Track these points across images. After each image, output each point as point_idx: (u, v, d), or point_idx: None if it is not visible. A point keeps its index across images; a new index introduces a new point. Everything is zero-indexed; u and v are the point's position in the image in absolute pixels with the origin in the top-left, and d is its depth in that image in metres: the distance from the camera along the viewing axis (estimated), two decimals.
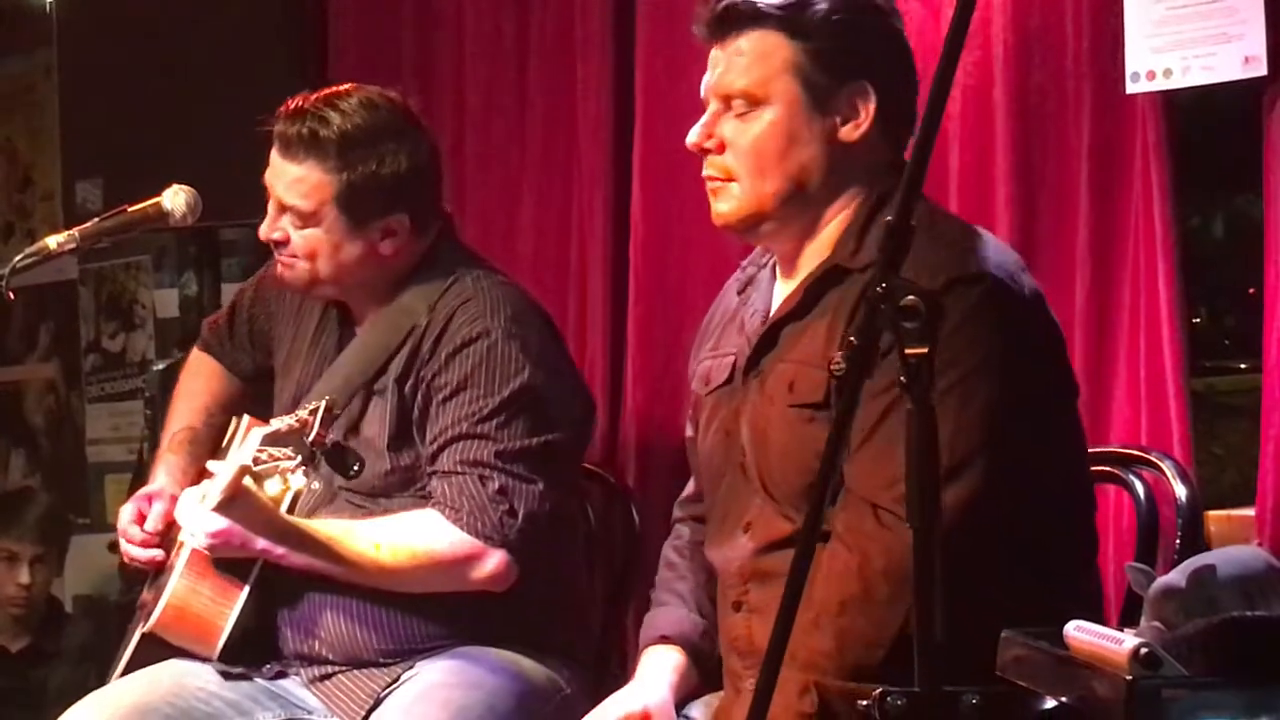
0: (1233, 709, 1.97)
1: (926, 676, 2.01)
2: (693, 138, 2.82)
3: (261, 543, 3.18)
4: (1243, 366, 3.87)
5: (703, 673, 2.96)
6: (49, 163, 5.79)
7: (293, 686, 3.35)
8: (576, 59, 4.22)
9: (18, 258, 3.19)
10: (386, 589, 3.24)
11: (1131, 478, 2.93)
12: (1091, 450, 2.99)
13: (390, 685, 3.25)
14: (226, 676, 3.33)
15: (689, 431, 3.07)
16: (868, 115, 2.75)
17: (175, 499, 3.36)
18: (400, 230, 3.33)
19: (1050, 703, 2.29)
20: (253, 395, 3.69)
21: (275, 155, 3.33)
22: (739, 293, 2.99)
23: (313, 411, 3.07)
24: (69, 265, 5.74)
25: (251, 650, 3.33)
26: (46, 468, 6.21)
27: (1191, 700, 1.96)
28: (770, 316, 2.83)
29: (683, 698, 2.94)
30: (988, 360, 2.56)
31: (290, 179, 3.30)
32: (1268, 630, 2.03)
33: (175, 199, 3.34)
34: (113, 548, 5.51)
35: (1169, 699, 1.95)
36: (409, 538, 3.21)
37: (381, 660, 3.28)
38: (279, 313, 3.59)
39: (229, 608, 3.27)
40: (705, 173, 2.83)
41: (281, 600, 3.32)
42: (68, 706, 3.34)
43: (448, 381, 3.26)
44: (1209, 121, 3.49)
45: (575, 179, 4.25)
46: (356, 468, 3.12)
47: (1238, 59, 3.20)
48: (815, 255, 2.79)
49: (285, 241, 3.34)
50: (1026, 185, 3.48)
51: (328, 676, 3.31)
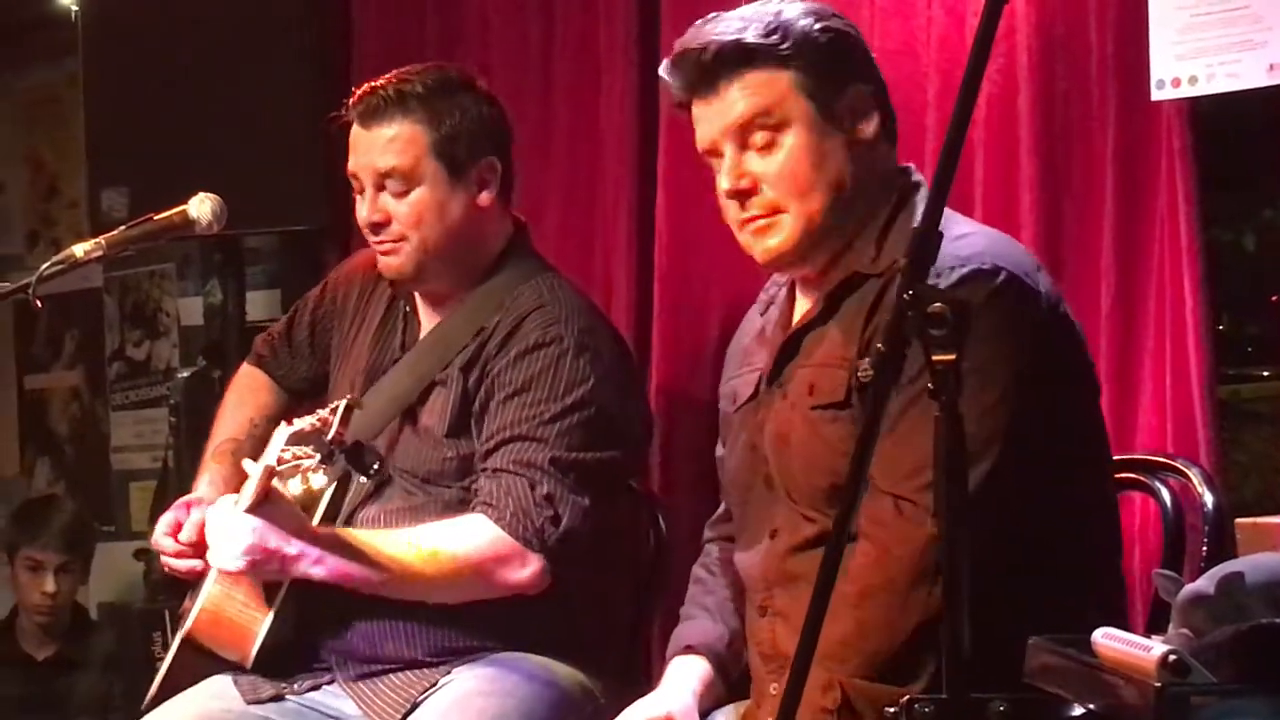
0: (1262, 716, 1.96)
1: (954, 684, 2.01)
2: (726, 184, 2.82)
3: (295, 546, 3.13)
4: (1265, 374, 3.87)
5: (728, 682, 2.97)
6: (74, 171, 5.81)
7: (325, 697, 3.33)
8: (601, 68, 4.23)
9: (44, 266, 3.18)
10: (420, 597, 3.23)
11: (1158, 485, 2.92)
12: (1117, 457, 2.98)
13: (426, 690, 3.24)
14: (254, 701, 3.31)
15: (719, 451, 3.08)
16: (873, 111, 2.82)
17: None
18: (493, 178, 3.37)
19: (1078, 710, 2.29)
20: (298, 409, 3.68)
21: (358, 131, 3.36)
22: (761, 313, 3.04)
23: (333, 410, 3.08)
24: (94, 273, 5.76)
25: (288, 657, 3.33)
26: (71, 475, 6.23)
27: (1220, 707, 1.95)
28: (791, 326, 2.85)
29: (708, 706, 2.94)
30: (1003, 349, 2.57)
31: (383, 142, 3.32)
32: None
33: (201, 207, 3.34)
34: (138, 555, 5.58)
35: (1198, 706, 1.95)
36: (447, 542, 3.20)
37: (421, 660, 3.28)
38: (344, 313, 3.59)
39: (263, 613, 3.27)
40: (747, 215, 2.82)
41: (321, 603, 3.29)
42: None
43: (512, 380, 3.26)
44: (1233, 128, 3.48)
45: (599, 188, 4.25)
46: (376, 467, 3.15)
47: (1262, 66, 3.20)
48: (840, 268, 2.80)
49: (386, 222, 3.34)
50: (1051, 192, 3.47)
51: (366, 676, 3.30)
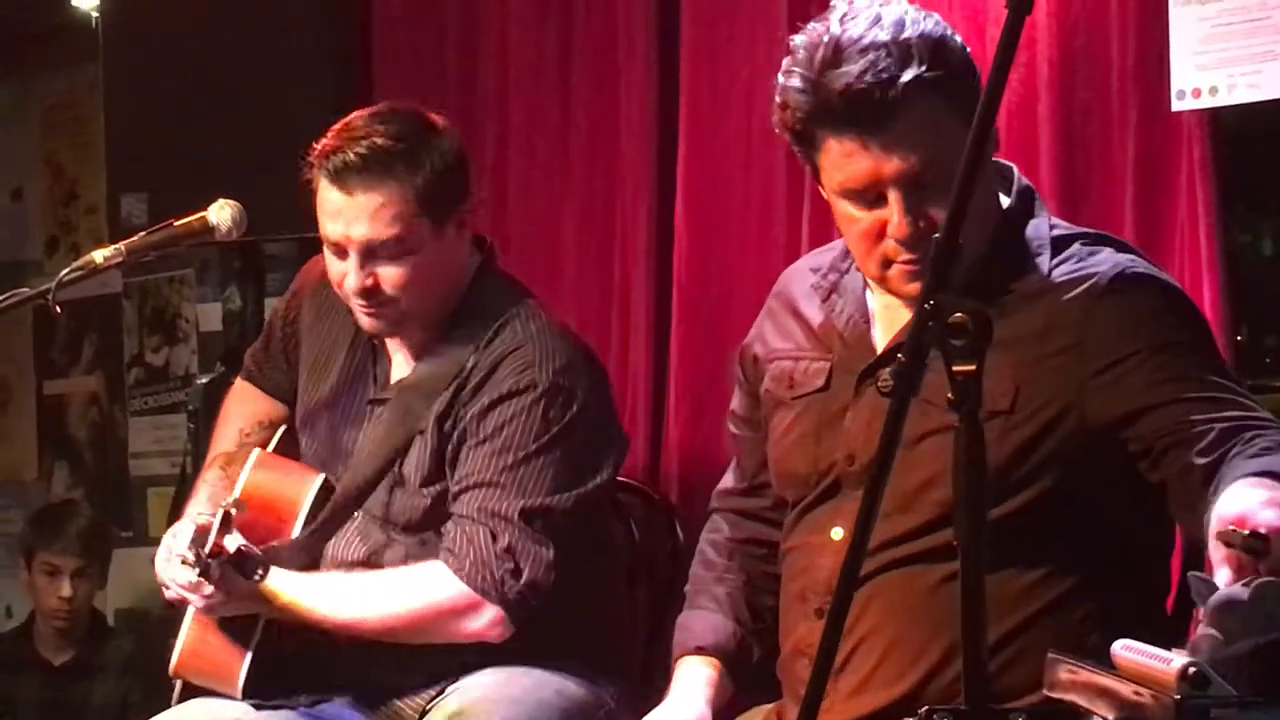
0: None
1: (973, 695, 2.01)
2: (905, 231, 2.62)
3: (250, 608, 3.20)
4: None
5: (738, 682, 2.95)
6: (94, 177, 5.82)
7: (333, 709, 3.33)
8: (620, 78, 4.23)
9: (64, 272, 3.19)
10: (382, 637, 3.23)
11: None
12: None
13: (433, 699, 3.25)
14: (259, 707, 3.30)
15: (735, 428, 3.05)
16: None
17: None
18: (467, 216, 3.30)
19: None
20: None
21: (336, 196, 3.21)
22: (822, 302, 2.89)
23: (214, 516, 3.02)
24: (113, 279, 5.77)
25: (285, 682, 3.32)
26: (89, 481, 6.24)
27: None
28: (893, 336, 2.74)
29: (718, 710, 2.93)
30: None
31: (371, 211, 3.19)
32: None
33: (221, 213, 3.34)
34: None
35: (1218, 719, 1.94)
36: (405, 591, 3.21)
37: (426, 679, 3.28)
38: (307, 329, 3.54)
39: (244, 647, 3.27)
40: (906, 258, 2.65)
41: (319, 632, 3.29)
42: None
43: (484, 427, 3.23)
44: (1255, 138, 3.48)
45: (619, 199, 4.25)
46: (260, 573, 3.06)
47: None
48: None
49: (377, 287, 3.24)
50: (1071, 202, 3.47)
51: (375, 692, 3.30)
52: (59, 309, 3.18)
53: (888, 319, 2.78)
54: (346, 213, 3.21)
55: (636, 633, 3.58)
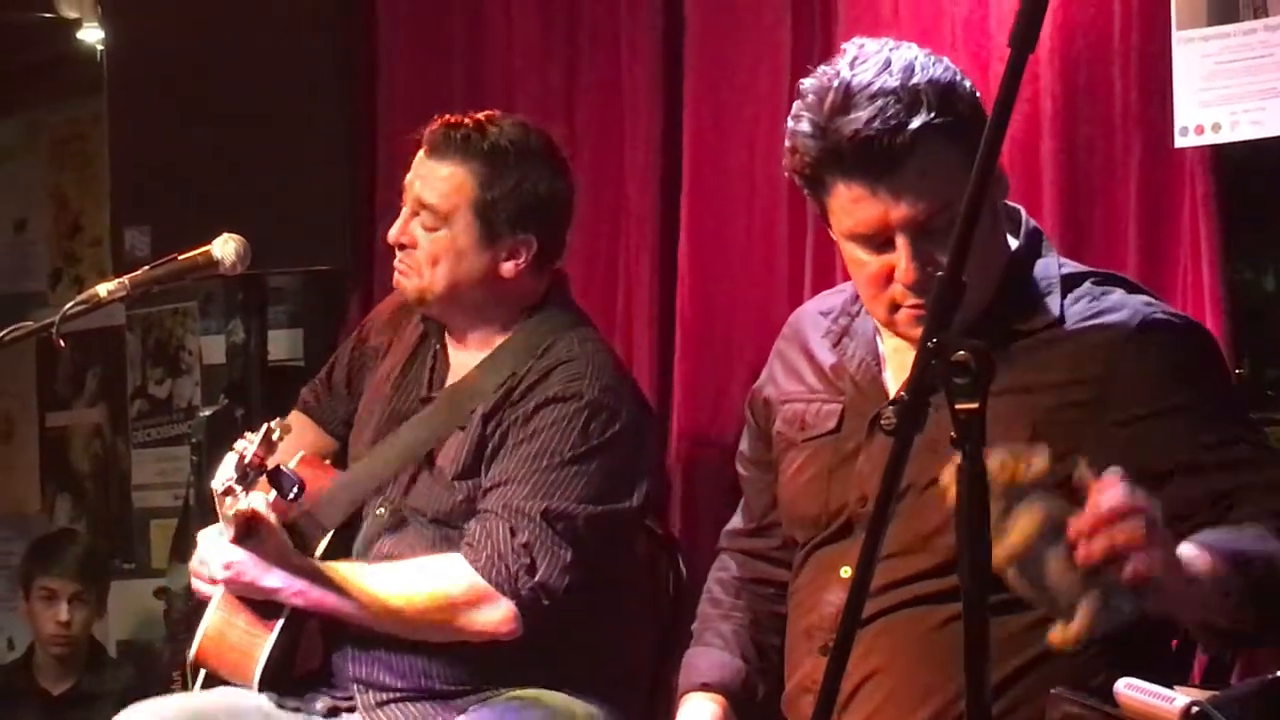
0: None
1: None
2: (912, 277, 2.60)
3: (274, 578, 3.22)
4: None
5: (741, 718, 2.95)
6: (98, 209, 5.83)
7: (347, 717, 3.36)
8: (624, 109, 4.24)
9: (69, 305, 3.20)
10: (396, 632, 3.26)
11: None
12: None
13: None
14: (280, 706, 3.34)
15: (743, 469, 3.05)
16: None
17: None
18: (525, 253, 3.37)
19: None
20: (344, 451, 3.70)
21: (422, 156, 3.39)
22: (834, 345, 2.89)
23: (255, 431, 3.11)
24: (116, 311, 5.76)
25: (302, 681, 3.35)
26: (92, 512, 6.24)
27: None
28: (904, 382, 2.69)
29: None
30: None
31: (436, 177, 3.35)
32: None
33: (225, 247, 3.35)
34: (158, 593, 5.58)
35: None
36: (423, 579, 3.24)
37: (440, 689, 3.29)
38: (377, 351, 3.62)
39: (264, 638, 3.29)
40: (913, 302, 2.63)
41: (339, 629, 3.33)
42: None
43: (525, 430, 3.28)
44: (1258, 174, 3.48)
45: (622, 230, 4.26)
46: (295, 492, 3.15)
47: None
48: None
49: (412, 245, 3.37)
50: (1074, 238, 3.47)
51: (385, 704, 3.31)
52: (62, 342, 3.19)
53: (899, 362, 2.77)
54: (419, 169, 3.40)
55: (643, 666, 3.57)
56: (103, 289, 3.24)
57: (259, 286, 4.87)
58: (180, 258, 3.34)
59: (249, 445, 3.12)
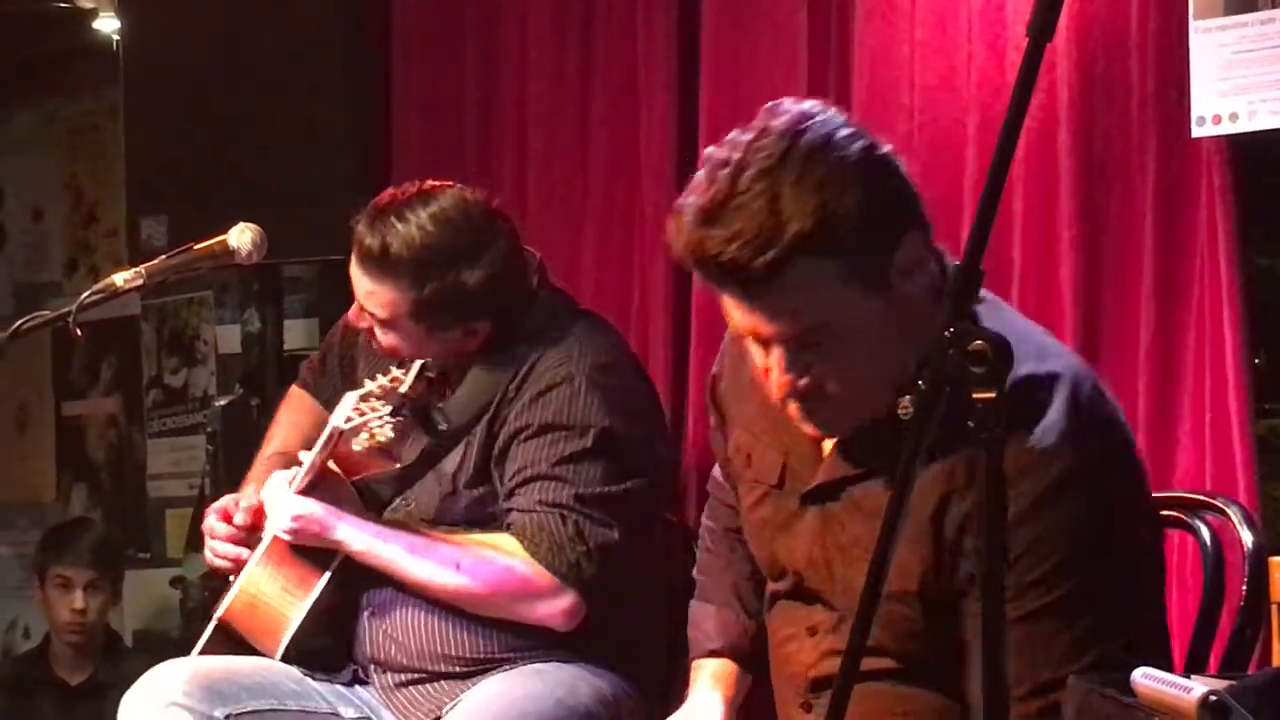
0: None
1: None
2: (783, 390, 2.48)
3: (343, 528, 3.27)
4: None
5: (755, 674, 2.93)
6: (114, 199, 5.83)
7: (367, 694, 3.39)
8: (640, 98, 4.23)
9: (85, 294, 3.21)
10: (454, 600, 3.28)
11: (1198, 523, 2.89)
12: (1157, 495, 2.96)
13: (450, 703, 3.28)
14: (310, 676, 3.38)
15: (719, 473, 2.94)
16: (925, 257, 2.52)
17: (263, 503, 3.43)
18: (482, 331, 3.37)
19: None
20: None
21: (354, 260, 3.36)
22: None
23: (406, 369, 3.18)
24: (131, 301, 5.76)
25: (322, 658, 3.38)
26: (108, 502, 6.25)
27: None
28: (826, 473, 2.60)
29: (738, 706, 2.91)
30: None
31: (365, 291, 3.34)
32: None
33: (241, 237, 3.36)
34: (174, 583, 5.59)
35: None
36: (492, 553, 3.27)
37: (455, 670, 3.31)
38: (365, 350, 3.62)
39: (303, 598, 3.32)
40: (793, 406, 2.50)
41: (358, 604, 3.36)
42: None
43: (529, 422, 3.30)
44: (1276, 163, 3.47)
45: (637, 221, 4.26)
46: (444, 426, 3.25)
47: None
48: None
49: (370, 331, 3.41)
50: (1091, 229, 3.47)
51: (401, 686, 3.34)
52: (79, 331, 3.20)
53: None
54: (353, 272, 3.36)
55: (658, 642, 3.57)
56: (119, 278, 3.24)
57: (274, 276, 4.88)
58: (196, 247, 3.35)
59: (381, 381, 3.21)
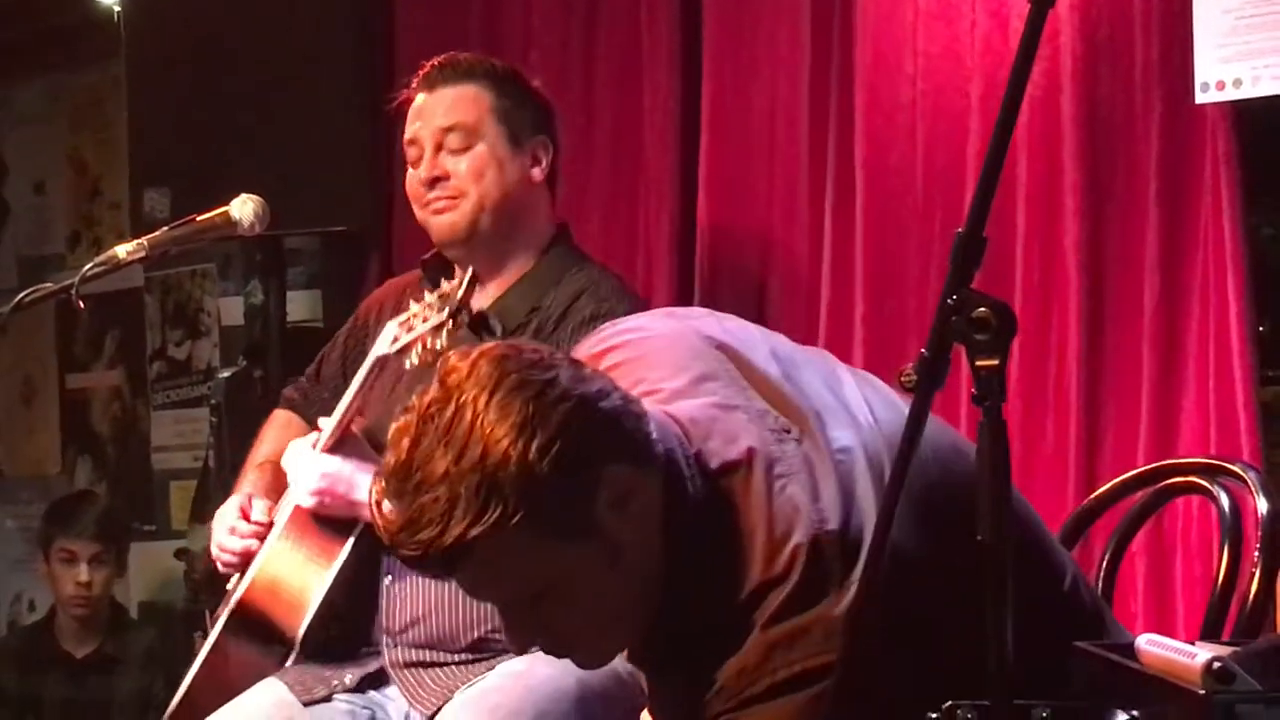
0: None
1: (996, 690, 2.00)
2: (519, 652, 2.44)
3: (362, 471, 3.22)
4: None
5: None
6: (117, 172, 5.83)
7: (373, 694, 3.34)
8: (643, 73, 4.22)
9: (87, 267, 3.19)
10: None
11: (1218, 489, 2.89)
12: (1176, 461, 2.96)
13: (461, 687, 3.25)
14: (310, 702, 3.32)
15: None
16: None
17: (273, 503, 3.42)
18: (545, 157, 3.48)
19: (1122, 717, 2.28)
20: None
21: (421, 99, 3.47)
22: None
23: (458, 282, 3.14)
24: (135, 273, 5.77)
25: (337, 644, 3.35)
26: (112, 474, 6.25)
27: (1266, 715, 1.94)
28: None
29: None
30: None
31: (448, 102, 3.44)
32: None
33: (244, 208, 3.34)
34: (179, 555, 5.60)
35: (1243, 714, 1.93)
36: None
37: (466, 650, 3.29)
38: (375, 330, 3.58)
39: (327, 567, 3.29)
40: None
41: (378, 572, 3.32)
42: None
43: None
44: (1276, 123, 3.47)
45: (641, 196, 4.25)
46: (499, 331, 3.28)
47: None
48: None
49: (445, 177, 3.42)
50: (1095, 196, 3.47)
51: (414, 665, 3.31)
52: (82, 304, 3.19)
53: None
54: (424, 108, 3.47)
55: None
56: (121, 250, 3.23)
57: (277, 248, 4.87)
58: (199, 219, 3.33)
59: (449, 292, 3.14)
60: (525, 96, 3.49)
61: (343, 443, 3.30)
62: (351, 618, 3.35)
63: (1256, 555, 2.67)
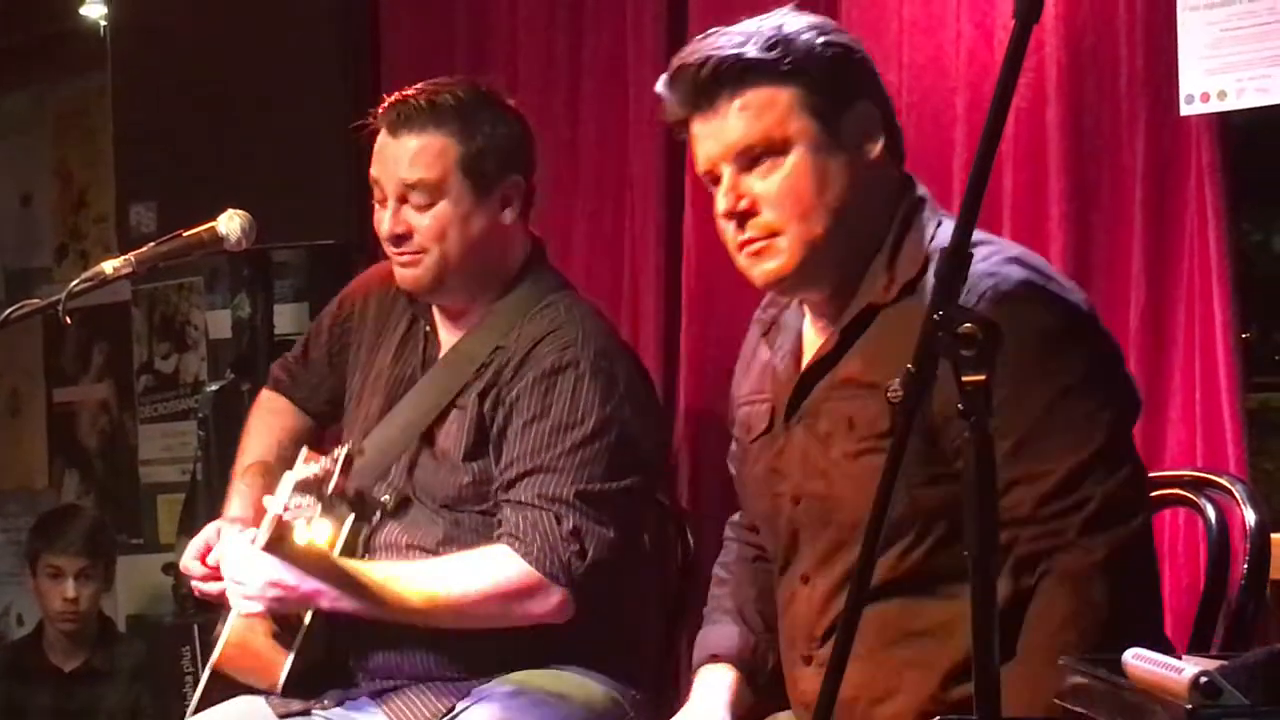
0: None
1: (984, 704, 2.00)
2: (724, 205, 2.72)
3: (310, 584, 3.19)
4: None
5: (755, 688, 2.95)
6: (103, 184, 5.83)
7: (354, 711, 3.34)
8: (629, 78, 4.22)
9: (74, 283, 3.19)
10: (442, 625, 3.24)
11: (1203, 501, 2.89)
12: (1162, 474, 2.97)
13: (450, 711, 3.25)
14: (284, 717, 3.32)
15: (733, 470, 3.05)
16: (878, 131, 2.73)
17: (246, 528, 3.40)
18: (517, 196, 3.37)
19: None
20: (321, 431, 3.71)
21: (385, 140, 3.35)
22: (763, 335, 2.94)
23: (334, 459, 3.10)
24: (122, 287, 5.77)
25: (317, 677, 3.34)
26: (100, 488, 6.25)
27: None
28: (806, 362, 2.78)
29: (740, 716, 2.93)
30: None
31: (412, 152, 3.31)
32: None
33: (230, 223, 3.34)
34: (167, 569, 5.59)
35: None
36: (471, 575, 3.22)
37: (449, 676, 3.29)
38: (362, 326, 3.59)
39: (287, 646, 3.29)
40: (745, 237, 2.71)
41: (348, 623, 3.30)
42: None
43: (530, 406, 3.26)
44: (1266, 139, 3.48)
45: (627, 200, 4.25)
46: (378, 515, 3.21)
47: None
48: (853, 300, 2.73)
49: (408, 234, 3.34)
50: (1080, 206, 3.46)
51: (395, 689, 3.31)
52: (69, 319, 3.18)
53: (814, 347, 2.79)
54: (387, 153, 3.35)
55: (652, 638, 3.58)
56: (109, 266, 3.23)
57: (264, 261, 4.87)
58: (185, 234, 3.33)
59: (314, 468, 3.12)
60: (495, 134, 3.34)
61: (280, 543, 3.16)
62: (328, 659, 3.35)
63: (1244, 567, 2.67)
